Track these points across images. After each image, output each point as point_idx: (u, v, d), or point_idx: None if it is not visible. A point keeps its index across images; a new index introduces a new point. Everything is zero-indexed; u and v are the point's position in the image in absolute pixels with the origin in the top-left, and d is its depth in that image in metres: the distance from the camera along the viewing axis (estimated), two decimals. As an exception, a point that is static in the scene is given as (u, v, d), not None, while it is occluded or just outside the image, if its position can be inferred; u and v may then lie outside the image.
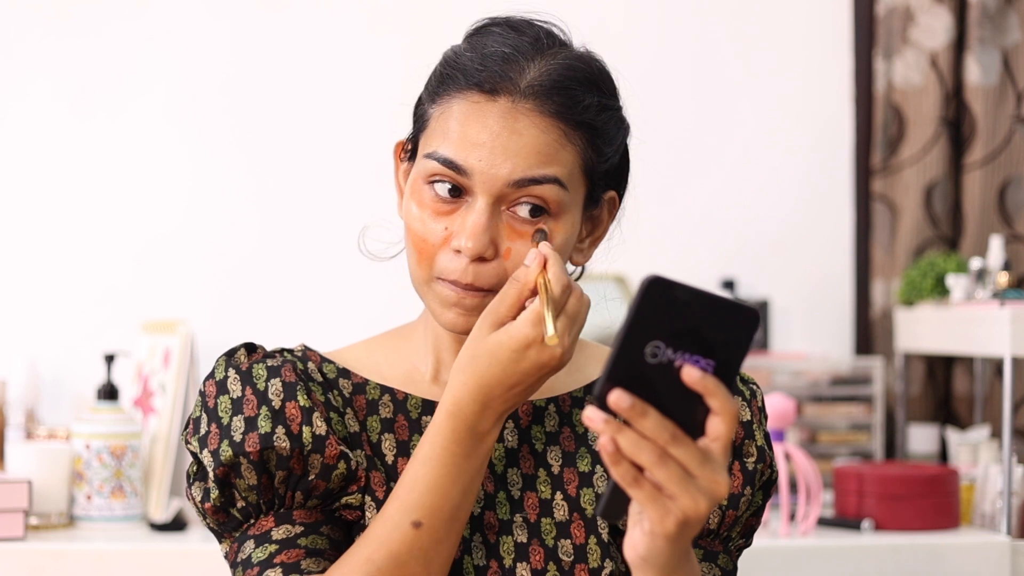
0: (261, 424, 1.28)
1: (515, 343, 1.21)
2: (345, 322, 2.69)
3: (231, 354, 1.35)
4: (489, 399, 1.23)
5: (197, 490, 1.30)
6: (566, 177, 1.28)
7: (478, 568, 1.29)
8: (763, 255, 2.85)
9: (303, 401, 1.29)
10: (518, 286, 1.24)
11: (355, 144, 2.73)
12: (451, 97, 1.29)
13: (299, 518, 1.28)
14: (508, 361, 1.22)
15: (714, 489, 1.04)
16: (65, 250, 2.70)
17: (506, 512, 1.32)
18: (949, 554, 2.26)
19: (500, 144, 1.26)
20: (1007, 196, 2.79)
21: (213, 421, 1.30)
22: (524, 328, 1.21)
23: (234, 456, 1.27)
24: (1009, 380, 2.36)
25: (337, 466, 1.28)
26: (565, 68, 1.28)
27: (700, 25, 2.87)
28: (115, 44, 2.73)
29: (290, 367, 1.32)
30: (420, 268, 1.30)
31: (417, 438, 1.34)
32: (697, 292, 1.02)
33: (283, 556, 1.26)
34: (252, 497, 1.28)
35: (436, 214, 1.29)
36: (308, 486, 1.28)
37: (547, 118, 1.27)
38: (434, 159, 1.28)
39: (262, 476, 1.27)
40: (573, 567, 1.30)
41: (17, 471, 2.19)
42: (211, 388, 1.32)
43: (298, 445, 1.27)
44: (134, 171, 2.73)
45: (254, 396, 1.30)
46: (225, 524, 1.30)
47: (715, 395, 1.02)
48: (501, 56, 1.28)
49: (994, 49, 2.79)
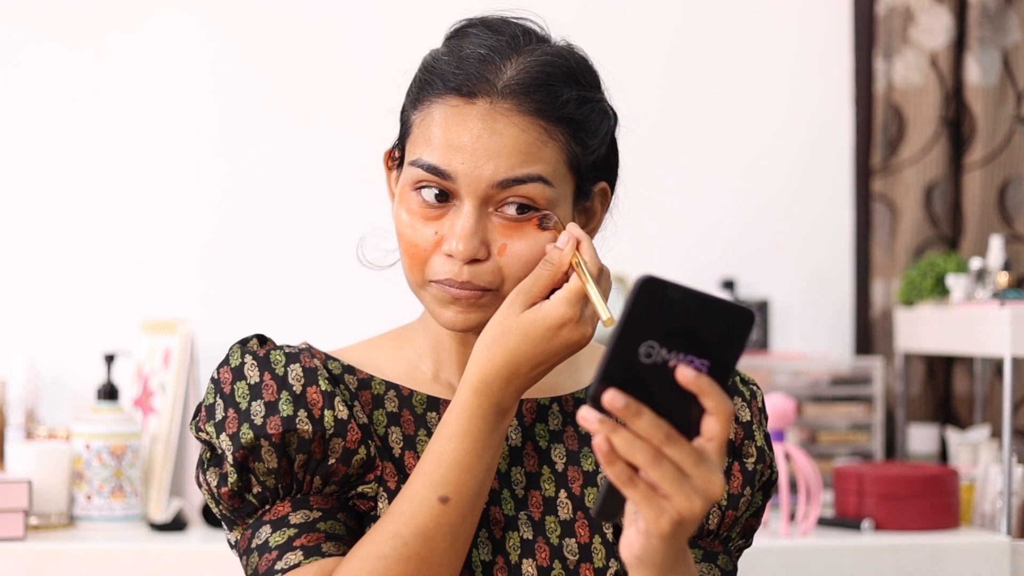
0: (283, 408, 1.28)
1: (550, 321, 1.23)
2: (345, 322, 2.70)
3: (245, 342, 1.35)
4: (515, 376, 1.24)
5: (213, 475, 1.29)
6: (550, 174, 1.28)
7: (484, 564, 1.29)
8: (763, 255, 2.85)
9: (324, 386, 1.30)
10: (552, 267, 1.25)
11: (355, 145, 2.73)
12: (431, 103, 1.30)
13: (316, 504, 1.28)
14: (540, 339, 1.23)
15: (709, 489, 1.04)
16: (65, 250, 2.70)
17: (511, 509, 1.32)
18: (949, 554, 2.26)
19: (481, 146, 1.26)
20: (1007, 196, 2.79)
21: (230, 407, 1.30)
22: (560, 307, 1.23)
23: (255, 439, 1.27)
24: (1009, 380, 2.36)
25: (358, 451, 1.29)
26: (542, 64, 1.29)
27: (700, 25, 2.87)
28: (114, 43, 2.73)
29: (307, 354, 1.34)
30: (413, 273, 1.31)
31: (423, 433, 1.34)
32: (691, 292, 1.02)
33: (303, 539, 1.26)
34: (270, 481, 1.28)
35: (425, 219, 1.29)
36: (328, 471, 1.28)
37: (526, 116, 1.27)
38: (418, 166, 1.29)
39: (282, 460, 1.28)
40: (578, 566, 1.30)
41: (17, 471, 2.19)
42: (226, 375, 1.32)
43: (320, 429, 1.28)
44: (134, 171, 2.73)
45: (273, 381, 1.30)
46: (240, 510, 1.30)
47: (709, 395, 1.02)
48: (477, 58, 1.28)
49: (994, 49, 2.78)
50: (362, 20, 2.79)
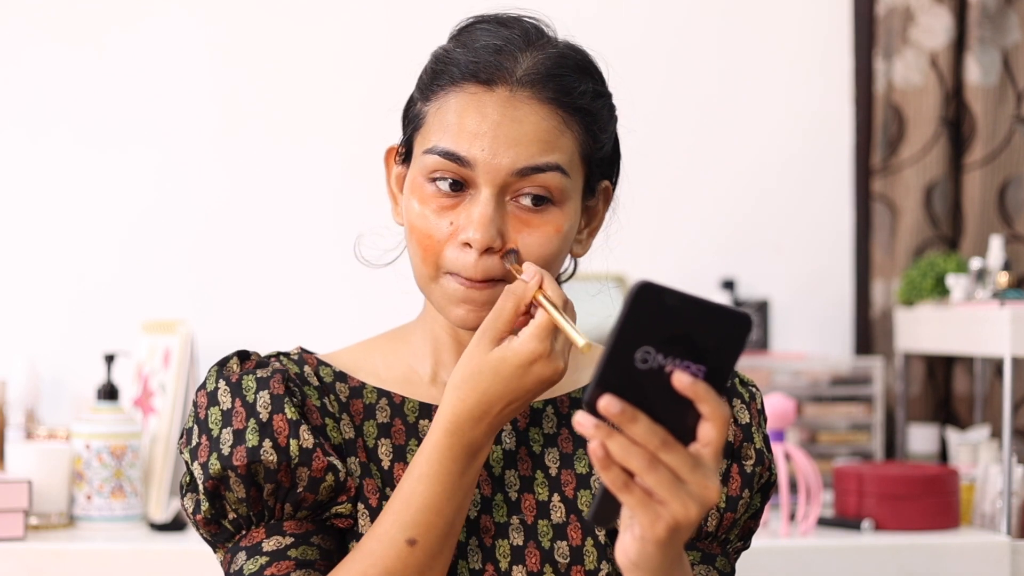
0: (249, 437, 1.27)
1: (520, 359, 1.21)
2: (344, 322, 2.70)
3: (223, 364, 1.35)
4: (487, 415, 1.23)
5: (189, 501, 1.30)
6: (567, 164, 1.28)
7: (473, 572, 1.29)
8: (763, 255, 2.85)
9: (291, 414, 1.29)
10: (515, 299, 1.23)
11: (354, 146, 2.73)
12: (446, 92, 1.29)
13: (289, 529, 1.28)
14: (511, 377, 1.22)
15: (704, 495, 1.03)
16: (65, 250, 2.70)
17: (503, 514, 1.32)
18: (949, 554, 2.26)
19: (502, 133, 1.26)
20: (1007, 196, 2.79)
21: (204, 433, 1.30)
22: (530, 343, 1.21)
23: (222, 470, 1.27)
24: (1009, 380, 2.36)
25: (325, 479, 1.28)
26: (558, 56, 1.29)
27: (700, 25, 2.86)
28: (114, 42, 2.73)
29: (280, 377, 1.31)
30: (425, 265, 1.29)
31: (414, 443, 1.33)
32: (687, 297, 1.02)
33: (273, 568, 1.25)
34: (242, 509, 1.28)
35: (440, 209, 1.28)
36: (297, 498, 1.28)
37: (546, 105, 1.27)
38: (434, 153, 1.28)
39: (250, 489, 1.27)
40: (569, 569, 1.30)
41: (17, 471, 2.19)
42: (202, 399, 1.32)
43: (285, 458, 1.27)
44: (134, 170, 2.73)
45: (243, 408, 1.29)
46: (217, 535, 1.30)
47: (706, 401, 1.02)
48: (493, 48, 1.28)
49: (994, 49, 2.78)
50: (359, 22, 2.79)
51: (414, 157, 1.32)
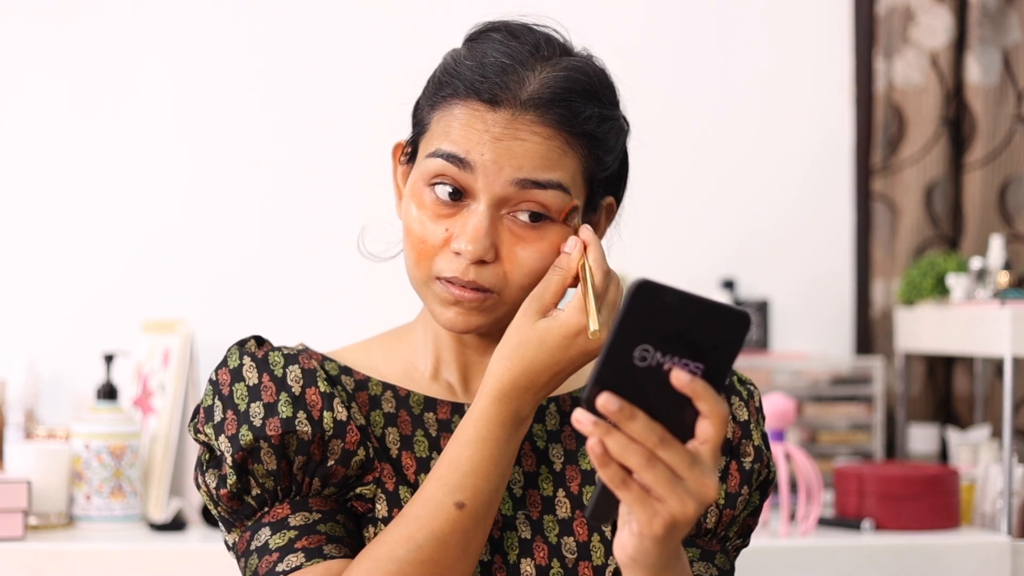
0: (282, 409, 1.28)
1: (566, 330, 1.24)
2: (345, 322, 2.70)
3: (243, 344, 1.35)
4: (534, 384, 1.25)
5: (211, 477, 1.29)
6: (569, 183, 1.28)
7: (483, 563, 1.29)
8: (763, 255, 2.85)
9: (323, 387, 1.30)
10: (561, 273, 1.27)
11: (355, 143, 2.73)
12: (451, 104, 1.29)
13: (315, 506, 1.28)
14: (557, 347, 1.24)
15: (702, 492, 1.04)
16: (64, 250, 2.70)
17: (509, 509, 1.32)
18: (949, 554, 2.26)
19: (504, 146, 1.26)
20: (1007, 196, 2.79)
21: (229, 408, 1.29)
22: (575, 315, 1.24)
23: (254, 440, 1.27)
24: (1009, 380, 2.36)
25: (357, 452, 1.29)
26: (564, 80, 1.28)
27: (700, 25, 2.86)
28: (114, 41, 2.73)
29: (306, 355, 1.33)
30: (418, 269, 1.30)
31: (420, 433, 1.34)
32: (686, 296, 1.02)
33: (304, 541, 1.26)
34: (269, 483, 1.28)
35: (436, 216, 1.29)
36: (326, 472, 1.28)
37: (549, 127, 1.27)
38: (437, 156, 1.28)
39: (281, 461, 1.27)
40: (577, 564, 1.31)
41: (16, 471, 2.19)
42: (224, 376, 1.32)
43: (319, 430, 1.28)
44: (134, 170, 2.73)
45: (272, 383, 1.30)
46: (238, 512, 1.29)
47: (704, 398, 1.02)
48: (500, 67, 1.28)
49: (994, 49, 2.78)
50: (363, 20, 2.79)
51: (417, 160, 1.32)
